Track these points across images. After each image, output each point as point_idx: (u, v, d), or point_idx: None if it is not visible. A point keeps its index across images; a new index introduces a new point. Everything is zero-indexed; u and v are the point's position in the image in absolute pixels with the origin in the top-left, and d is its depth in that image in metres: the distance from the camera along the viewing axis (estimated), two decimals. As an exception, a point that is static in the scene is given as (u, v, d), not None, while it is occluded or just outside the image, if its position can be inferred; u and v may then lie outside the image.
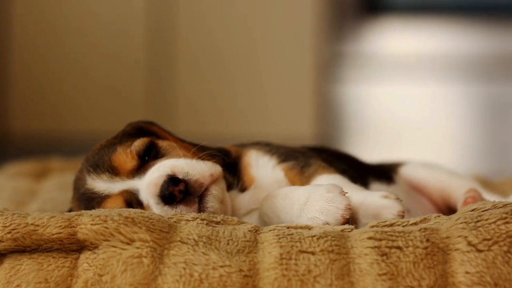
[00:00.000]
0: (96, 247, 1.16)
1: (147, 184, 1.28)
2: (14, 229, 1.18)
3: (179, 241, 1.15)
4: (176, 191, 1.26)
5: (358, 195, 1.28)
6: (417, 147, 3.99)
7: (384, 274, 1.11)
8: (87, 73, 4.14)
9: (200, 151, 1.38)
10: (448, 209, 1.62)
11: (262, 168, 1.42)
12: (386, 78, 4.01)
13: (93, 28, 4.12)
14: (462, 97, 3.96)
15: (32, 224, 1.18)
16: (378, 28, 4.02)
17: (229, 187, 1.39)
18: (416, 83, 3.99)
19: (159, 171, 1.28)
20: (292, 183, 1.39)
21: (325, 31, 4.02)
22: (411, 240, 1.13)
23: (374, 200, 1.26)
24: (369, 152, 3.78)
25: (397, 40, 4.01)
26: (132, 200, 1.29)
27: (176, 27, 4.10)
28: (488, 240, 1.13)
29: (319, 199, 1.25)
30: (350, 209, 1.24)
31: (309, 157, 1.42)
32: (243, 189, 1.41)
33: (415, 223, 1.21)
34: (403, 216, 1.25)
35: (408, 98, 4.00)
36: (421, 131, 3.99)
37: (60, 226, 1.17)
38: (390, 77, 4.00)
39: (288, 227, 1.20)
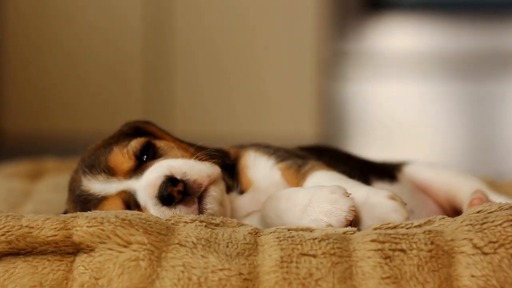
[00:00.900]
0: (92, 250, 1.16)
1: (145, 186, 1.28)
2: (8, 231, 1.18)
3: (177, 243, 1.15)
4: (174, 192, 1.26)
5: (360, 192, 1.27)
6: (421, 146, 3.99)
7: (387, 277, 1.11)
8: (83, 72, 4.14)
9: (198, 151, 1.38)
10: (454, 211, 1.62)
11: (259, 169, 1.42)
12: (389, 76, 4.01)
13: (88, 26, 4.12)
14: (468, 95, 3.96)
15: (26, 226, 1.18)
16: (381, 26, 4.02)
17: (228, 189, 1.39)
18: (420, 81, 3.99)
19: (156, 171, 1.28)
20: (289, 182, 1.39)
21: (327, 28, 4.02)
22: (415, 242, 1.13)
23: (380, 201, 1.25)
24: (372, 152, 3.77)
25: (400, 38, 4.01)
26: (129, 201, 1.30)
27: (173, 23, 4.10)
28: (494, 242, 1.13)
29: (323, 201, 1.24)
30: (354, 211, 1.23)
31: (308, 159, 1.42)
32: (241, 191, 1.42)
33: (419, 225, 1.21)
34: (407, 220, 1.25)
35: (412, 97, 4.00)
36: (426, 130, 3.99)
37: (55, 228, 1.17)
38: (393, 75, 4.00)
39: (289, 229, 1.20)
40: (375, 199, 1.26)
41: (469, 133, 3.98)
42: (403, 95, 4.00)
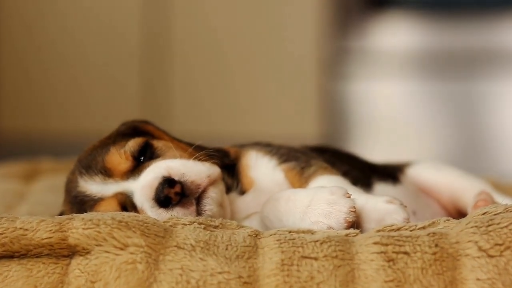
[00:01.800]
0: (88, 253, 1.16)
1: (142, 187, 1.28)
2: (1, 234, 1.17)
3: (175, 246, 1.15)
4: (172, 194, 1.26)
5: (360, 199, 1.27)
6: (427, 147, 3.98)
7: (390, 280, 1.10)
8: (79, 71, 4.14)
9: (197, 151, 1.38)
10: (458, 213, 1.62)
11: (261, 169, 1.43)
12: (393, 74, 4.00)
13: (85, 24, 4.12)
14: (475, 94, 3.95)
15: (21, 228, 1.18)
16: (384, 23, 4.02)
17: (228, 190, 1.39)
18: (425, 80, 3.98)
19: (154, 172, 1.28)
20: (292, 184, 1.40)
21: (329, 25, 4.02)
22: (419, 245, 1.13)
23: (377, 205, 1.26)
24: (376, 152, 3.77)
25: (404, 35, 4.00)
26: (126, 203, 1.30)
27: (172, 19, 4.10)
28: (500, 245, 1.13)
29: (322, 202, 1.25)
30: (354, 211, 1.23)
31: (311, 158, 1.42)
32: (242, 192, 1.42)
33: (423, 227, 1.21)
34: (408, 223, 1.25)
35: (417, 96, 3.99)
36: (432, 130, 3.99)
37: (50, 230, 1.17)
38: (398, 74, 4.00)
39: (290, 232, 1.20)
40: (372, 203, 1.27)
41: (475, 132, 3.97)
42: (407, 94, 4.00)
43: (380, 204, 1.26)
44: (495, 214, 1.20)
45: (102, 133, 1.44)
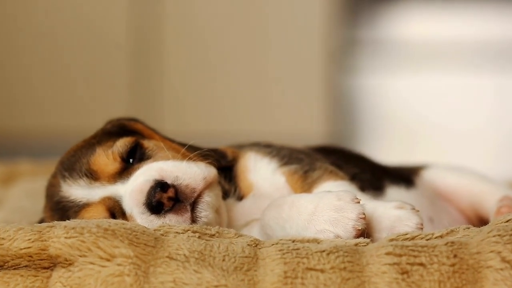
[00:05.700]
0: (71, 264, 1.16)
1: (131, 191, 1.28)
2: (-25, 243, 1.17)
3: (167, 257, 1.14)
4: (164, 198, 1.25)
5: (368, 206, 1.27)
6: (441, 147, 3.99)
7: (404, 295, 1.10)
8: (62, 62, 4.14)
9: (190, 151, 1.38)
10: (479, 219, 1.62)
11: (261, 172, 1.42)
12: (405, 67, 4.01)
13: (70, 14, 4.12)
14: (493, 88, 3.96)
15: (-4, 237, 1.18)
16: (396, 12, 4.02)
17: (225, 195, 1.39)
18: (439, 74, 3.99)
19: (144, 175, 1.28)
20: (294, 189, 1.40)
21: (338, 14, 4.02)
22: (436, 255, 1.13)
23: (387, 211, 1.26)
24: (387, 152, 3.78)
25: (417, 25, 4.01)
26: (114, 209, 1.29)
27: (162, 14, 4.09)
28: (526, 256, 1.13)
29: (328, 208, 1.24)
30: (364, 218, 1.23)
31: (315, 160, 1.42)
32: (240, 197, 1.41)
33: (441, 236, 1.21)
34: (421, 229, 1.25)
35: (430, 90, 4.00)
36: (446, 128, 3.99)
37: (29, 239, 1.17)
38: (410, 66, 4.01)
39: (293, 241, 1.20)
40: (382, 210, 1.26)
41: (499, 131, 3.97)
42: (421, 89, 4.00)
43: (389, 211, 1.26)
44: (519, 222, 1.20)
45: (86, 132, 1.44)
